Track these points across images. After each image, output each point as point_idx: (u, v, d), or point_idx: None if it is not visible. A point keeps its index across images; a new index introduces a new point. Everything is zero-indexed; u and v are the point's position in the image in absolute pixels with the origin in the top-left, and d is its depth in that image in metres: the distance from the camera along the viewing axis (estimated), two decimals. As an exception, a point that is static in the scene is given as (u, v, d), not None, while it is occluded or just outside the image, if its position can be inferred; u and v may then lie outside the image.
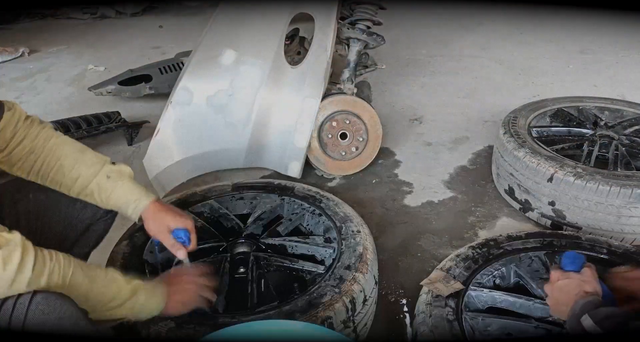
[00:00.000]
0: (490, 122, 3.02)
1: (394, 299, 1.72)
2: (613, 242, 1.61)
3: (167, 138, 2.16)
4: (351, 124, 2.35)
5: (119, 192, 1.28)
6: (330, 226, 1.65)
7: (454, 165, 2.58)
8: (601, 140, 2.21)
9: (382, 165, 2.57)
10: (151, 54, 4.34)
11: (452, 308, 1.36)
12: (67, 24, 5.40)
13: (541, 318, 1.35)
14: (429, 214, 2.20)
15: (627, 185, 1.80)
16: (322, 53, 2.25)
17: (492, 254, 1.56)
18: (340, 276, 1.41)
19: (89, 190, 1.27)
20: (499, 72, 3.87)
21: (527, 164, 2.00)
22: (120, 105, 3.20)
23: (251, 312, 1.31)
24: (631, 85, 3.58)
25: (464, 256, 1.55)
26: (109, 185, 1.28)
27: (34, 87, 3.67)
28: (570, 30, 4.80)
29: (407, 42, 4.52)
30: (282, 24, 2.24)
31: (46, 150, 1.26)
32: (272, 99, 2.22)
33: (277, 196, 1.82)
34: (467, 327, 1.31)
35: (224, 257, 1.53)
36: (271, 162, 2.35)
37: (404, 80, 3.71)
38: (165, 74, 3.27)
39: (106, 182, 1.27)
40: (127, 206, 1.29)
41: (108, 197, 1.28)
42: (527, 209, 2.10)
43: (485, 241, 1.62)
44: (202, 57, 2.21)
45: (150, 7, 5.94)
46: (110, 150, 2.77)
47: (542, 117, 2.42)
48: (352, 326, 1.36)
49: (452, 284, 1.44)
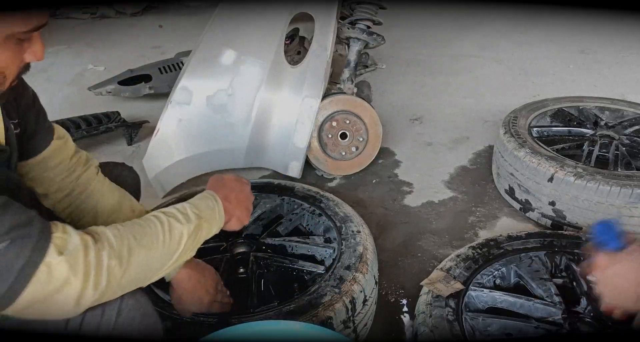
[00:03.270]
0: (490, 122, 3.02)
1: (394, 299, 1.72)
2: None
3: (166, 138, 2.16)
4: (351, 124, 2.34)
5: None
6: (330, 226, 1.65)
7: (454, 165, 2.57)
8: (601, 140, 2.20)
9: (382, 165, 2.57)
10: (151, 53, 4.33)
11: (452, 308, 1.36)
12: (67, 24, 5.39)
13: (541, 318, 1.35)
14: (429, 214, 2.20)
15: (627, 185, 1.80)
16: (322, 53, 2.25)
17: (492, 254, 1.56)
18: (341, 276, 1.40)
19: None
20: (499, 72, 3.87)
21: (527, 164, 1.99)
22: (120, 105, 3.20)
23: (251, 312, 1.31)
24: (631, 85, 3.58)
25: (464, 256, 1.55)
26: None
27: (33, 87, 3.66)
28: (570, 30, 4.80)
29: (407, 42, 4.52)
30: (282, 23, 2.23)
31: (83, 195, 1.21)
32: (272, 99, 2.21)
33: (277, 196, 1.81)
34: (467, 328, 1.32)
35: (224, 257, 1.53)
36: (271, 162, 2.35)
37: (404, 80, 3.71)
38: (165, 73, 3.26)
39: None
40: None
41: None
42: (527, 209, 2.10)
43: (485, 241, 1.63)
44: (202, 57, 2.21)
45: (150, 7, 5.93)
46: (110, 150, 2.77)
47: (542, 117, 2.42)
48: (352, 326, 1.36)
49: (452, 284, 1.44)
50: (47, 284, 0.82)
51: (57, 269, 0.82)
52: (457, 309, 1.35)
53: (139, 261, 0.93)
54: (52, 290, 0.82)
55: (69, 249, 0.84)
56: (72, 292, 0.84)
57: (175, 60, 3.36)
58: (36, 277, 0.81)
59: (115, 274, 0.89)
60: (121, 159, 2.63)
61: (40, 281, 0.81)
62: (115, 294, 0.91)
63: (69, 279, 0.83)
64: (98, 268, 0.86)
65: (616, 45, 4.38)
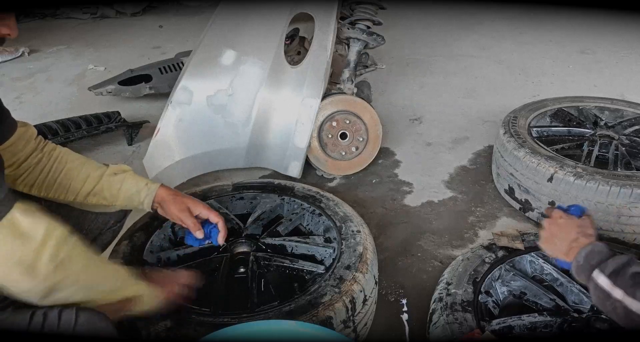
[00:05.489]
0: (490, 122, 3.02)
1: (393, 299, 1.72)
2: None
3: (167, 138, 2.16)
4: (351, 124, 2.34)
5: (129, 182, 1.34)
6: (330, 225, 1.65)
7: (454, 165, 2.58)
8: (601, 140, 2.21)
9: (382, 165, 2.57)
10: (151, 54, 4.34)
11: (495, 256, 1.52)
12: (67, 24, 5.39)
13: (568, 306, 1.38)
14: (429, 214, 2.20)
15: (627, 185, 1.80)
16: (322, 53, 2.25)
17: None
18: (340, 276, 1.40)
19: (99, 187, 1.31)
20: (499, 72, 3.87)
21: (527, 164, 2.00)
22: (120, 105, 3.20)
23: (251, 312, 1.31)
24: (631, 85, 3.58)
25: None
26: (117, 178, 1.33)
27: (34, 87, 3.67)
28: (570, 30, 4.80)
29: (407, 42, 4.52)
30: (282, 24, 2.24)
31: (52, 158, 1.30)
32: (272, 99, 2.22)
33: (277, 196, 1.81)
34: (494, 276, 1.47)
35: (224, 257, 1.53)
36: (271, 162, 2.35)
37: (404, 80, 3.71)
38: (165, 74, 3.27)
39: (115, 177, 1.33)
40: (139, 192, 1.34)
41: (119, 189, 1.32)
42: (527, 209, 2.10)
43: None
44: (202, 57, 2.21)
45: (150, 7, 5.93)
46: (110, 150, 2.77)
47: (542, 117, 2.42)
48: (352, 326, 1.36)
49: (515, 242, 1.56)
50: (8, 236, 0.88)
51: (20, 225, 0.89)
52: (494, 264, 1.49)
53: (95, 263, 1.03)
54: (11, 246, 0.88)
55: (33, 212, 0.92)
56: (28, 252, 0.89)
57: (175, 61, 3.36)
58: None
59: (77, 258, 0.96)
60: (121, 159, 2.65)
61: (2, 232, 0.87)
62: (69, 281, 0.95)
63: (29, 237, 0.89)
64: (61, 239, 0.93)
65: (616, 45, 4.38)
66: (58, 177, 1.29)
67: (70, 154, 1.34)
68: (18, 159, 1.25)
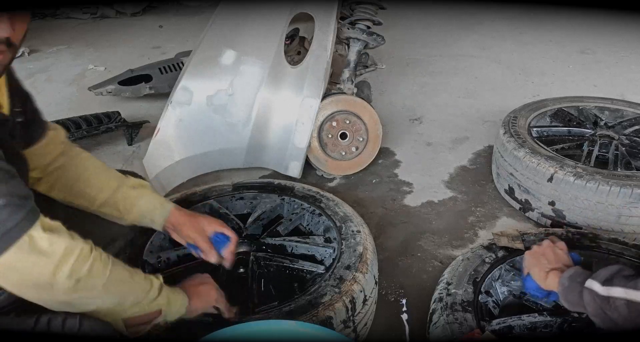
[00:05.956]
0: (490, 122, 3.02)
1: (393, 299, 1.72)
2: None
3: (167, 138, 2.17)
4: (351, 124, 2.35)
5: (145, 199, 1.32)
6: (330, 225, 1.65)
7: (454, 165, 2.58)
8: (601, 140, 2.21)
9: (382, 165, 2.57)
10: (151, 54, 4.34)
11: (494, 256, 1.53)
12: (67, 24, 5.39)
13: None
14: (429, 214, 2.20)
15: (627, 185, 1.80)
16: (322, 53, 2.25)
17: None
18: (340, 276, 1.40)
19: (114, 199, 1.30)
20: (499, 72, 3.87)
21: (527, 164, 2.00)
22: (120, 105, 3.20)
23: (251, 312, 1.31)
24: (631, 85, 3.58)
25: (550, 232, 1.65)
26: (134, 193, 1.32)
27: (34, 87, 3.67)
28: (570, 30, 4.80)
29: (407, 42, 4.52)
30: (282, 24, 2.24)
31: (74, 163, 1.30)
32: (272, 99, 2.22)
33: (277, 196, 1.81)
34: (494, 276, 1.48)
35: (224, 257, 1.53)
36: (271, 162, 2.35)
37: (404, 80, 3.71)
38: (165, 74, 3.27)
39: (132, 191, 1.32)
40: (152, 211, 1.32)
41: (132, 204, 1.31)
42: (527, 209, 2.10)
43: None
44: (202, 57, 2.21)
45: (150, 7, 5.94)
46: (110, 150, 2.77)
47: (542, 117, 2.42)
48: (352, 326, 1.36)
49: (515, 242, 1.56)
50: (27, 253, 0.88)
51: (39, 243, 0.89)
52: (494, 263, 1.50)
53: (118, 277, 1.00)
54: (30, 263, 0.88)
55: (54, 230, 0.92)
56: (45, 271, 0.89)
57: (175, 61, 3.36)
58: (19, 243, 0.87)
59: (98, 274, 0.95)
60: (121, 159, 2.65)
61: (21, 249, 0.87)
62: (91, 295, 0.95)
63: (48, 254, 0.89)
64: (81, 257, 0.93)
65: (616, 45, 4.38)
66: (75, 183, 1.28)
67: (92, 160, 1.34)
68: (44, 162, 1.25)
